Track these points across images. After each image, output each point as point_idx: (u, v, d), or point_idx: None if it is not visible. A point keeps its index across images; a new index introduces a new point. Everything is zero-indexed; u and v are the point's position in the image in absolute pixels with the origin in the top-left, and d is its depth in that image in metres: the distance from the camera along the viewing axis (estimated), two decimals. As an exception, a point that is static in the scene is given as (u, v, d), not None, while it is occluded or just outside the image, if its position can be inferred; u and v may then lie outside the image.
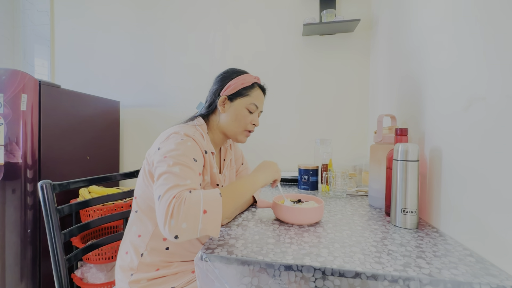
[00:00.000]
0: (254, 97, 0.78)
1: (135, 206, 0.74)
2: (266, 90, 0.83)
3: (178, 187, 0.54)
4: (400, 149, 0.67)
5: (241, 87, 0.76)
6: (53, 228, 0.72)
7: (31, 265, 1.14)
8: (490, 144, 0.51)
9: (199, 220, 0.51)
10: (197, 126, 0.74)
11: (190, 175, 0.58)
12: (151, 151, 0.68)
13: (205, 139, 0.72)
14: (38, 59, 1.94)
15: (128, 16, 1.78)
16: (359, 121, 1.52)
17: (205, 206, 0.52)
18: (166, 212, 0.50)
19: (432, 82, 0.74)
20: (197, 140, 0.67)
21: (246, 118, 0.77)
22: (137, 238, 0.70)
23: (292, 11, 1.57)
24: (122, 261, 0.71)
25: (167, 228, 0.50)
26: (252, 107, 0.77)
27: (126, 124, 1.80)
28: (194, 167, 0.61)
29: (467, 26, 0.59)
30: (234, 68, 0.82)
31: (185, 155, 0.61)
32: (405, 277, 0.44)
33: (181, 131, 0.66)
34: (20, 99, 1.10)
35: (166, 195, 0.53)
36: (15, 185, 1.12)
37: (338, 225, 0.69)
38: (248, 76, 0.78)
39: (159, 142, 0.66)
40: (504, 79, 0.48)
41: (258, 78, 0.81)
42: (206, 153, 0.69)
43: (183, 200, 0.51)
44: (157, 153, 0.64)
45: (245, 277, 0.49)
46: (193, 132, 0.68)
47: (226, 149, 0.87)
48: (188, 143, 0.64)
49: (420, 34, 0.84)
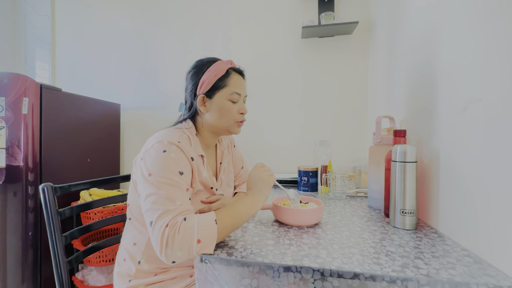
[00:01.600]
0: (233, 85, 0.71)
1: (128, 213, 0.72)
2: (244, 71, 0.76)
3: (169, 213, 0.53)
4: (399, 151, 0.68)
5: (216, 79, 0.69)
6: (54, 230, 0.73)
7: (32, 268, 1.14)
8: (488, 145, 0.51)
9: (193, 250, 0.52)
10: (185, 129, 0.70)
11: (178, 195, 0.57)
12: (138, 158, 0.66)
13: (193, 142, 0.68)
14: (39, 62, 1.96)
15: (129, 20, 1.80)
16: (358, 123, 1.52)
17: (199, 236, 0.52)
18: (161, 242, 0.51)
19: (430, 83, 0.75)
20: (182, 147, 0.63)
21: (231, 110, 0.71)
22: (133, 246, 0.69)
23: (291, 13, 1.58)
24: (120, 267, 0.71)
25: (163, 256, 0.51)
26: (234, 97, 0.71)
27: (126, 126, 1.81)
28: (181, 182, 0.59)
29: (466, 27, 0.60)
30: (202, 59, 0.74)
31: (170, 171, 0.58)
32: (403, 278, 0.44)
33: (164, 139, 0.62)
34: (22, 103, 1.11)
35: (158, 223, 0.52)
36: (16, 188, 1.12)
37: (337, 226, 0.69)
38: (220, 64, 0.71)
39: (143, 151, 0.63)
40: (502, 80, 0.48)
41: (231, 62, 0.73)
42: (193, 159, 0.65)
43: (177, 230, 0.51)
44: (141, 165, 0.61)
45: (244, 278, 0.49)
46: (178, 137, 0.64)
47: (222, 152, 0.82)
48: (172, 155, 0.60)
49: (418, 35, 0.85)
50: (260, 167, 0.69)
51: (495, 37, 0.50)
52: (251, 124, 1.61)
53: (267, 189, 0.65)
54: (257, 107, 1.62)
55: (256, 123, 1.61)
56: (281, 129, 1.61)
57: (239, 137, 1.65)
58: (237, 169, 0.94)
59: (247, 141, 1.62)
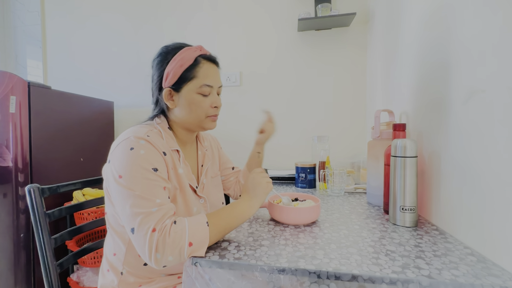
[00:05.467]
0: (202, 76, 0.62)
1: (107, 222, 0.66)
2: (217, 58, 0.67)
3: (152, 216, 0.50)
4: (398, 145, 0.65)
5: (182, 70, 0.61)
6: (42, 233, 0.70)
7: (25, 270, 1.12)
8: (492, 139, 0.49)
9: (184, 253, 0.49)
10: (156, 124, 0.65)
11: (156, 192, 0.52)
12: (106, 165, 0.59)
13: (165, 136, 0.63)
14: (31, 60, 1.91)
15: (120, 15, 1.75)
16: (357, 117, 1.49)
17: (190, 238, 0.50)
18: (149, 247, 0.48)
19: (431, 76, 0.72)
20: (152, 141, 0.57)
21: (202, 104, 0.63)
22: (113, 256, 0.65)
23: (287, 6, 1.54)
24: (104, 279, 0.67)
25: (153, 261, 0.49)
26: (204, 89, 0.63)
27: (120, 125, 1.77)
28: (157, 179, 0.54)
29: (465, 17, 0.57)
30: (168, 46, 0.65)
31: (143, 168, 0.53)
32: (404, 280, 0.42)
33: (131, 135, 0.56)
34: (9, 101, 1.07)
35: (142, 228, 0.49)
36: (6, 189, 1.10)
37: (335, 224, 0.67)
38: (187, 51, 0.62)
39: (110, 152, 0.58)
40: (505, 72, 0.45)
41: (201, 47, 0.64)
42: (165, 154, 0.59)
43: (167, 233, 0.49)
44: (108, 168, 0.56)
45: (237, 281, 0.47)
46: (147, 132, 0.58)
47: (204, 154, 0.76)
48: (141, 152, 0.54)
49: (419, 26, 0.82)
50: (259, 172, 0.64)
51: (498, 27, 0.47)
52: (247, 120, 1.58)
53: (263, 196, 0.62)
54: (252, 102, 1.58)
55: (252, 119, 1.58)
56: (278, 125, 1.58)
57: (234, 132, 1.62)
58: (227, 171, 0.90)
59: (242, 137, 1.59)
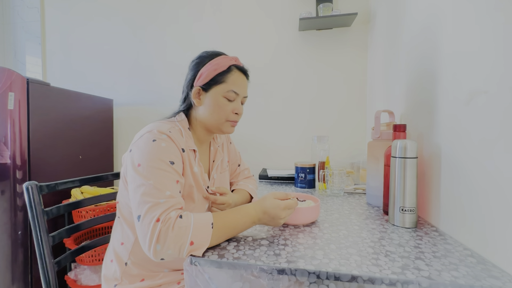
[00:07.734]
0: (231, 83, 0.67)
1: (117, 211, 0.69)
2: (248, 71, 0.73)
3: (159, 207, 0.51)
4: (398, 146, 0.65)
5: (215, 73, 0.66)
6: (39, 231, 0.70)
7: (22, 267, 1.11)
8: (494, 139, 0.49)
9: (184, 250, 0.49)
10: (177, 122, 0.68)
11: (168, 185, 0.54)
12: (126, 153, 0.63)
13: (184, 135, 0.66)
14: (30, 57, 1.89)
15: (120, 12, 1.74)
16: (357, 118, 1.49)
17: (193, 237, 0.50)
18: (150, 237, 0.48)
19: (432, 76, 0.72)
20: (173, 137, 0.61)
21: (225, 108, 0.67)
22: (120, 245, 0.67)
23: (288, 5, 1.53)
24: (106, 270, 0.68)
25: (152, 252, 0.49)
26: (230, 95, 0.67)
27: (120, 122, 1.77)
28: (172, 172, 0.57)
29: (467, 17, 0.57)
30: (207, 51, 0.71)
31: (160, 160, 0.56)
32: (404, 281, 0.41)
33: (154, 129, 0.60)
34: (7, 98, 1.07)
35: (148, 216, 0.50)
36: (4, 186, 1.09)
37: (334, 224, 0.67)
38: (223, 59, 0.68)
39: (132, 143, 0.61)
40: (507, 72, 0.45)
41: (236, 59, 0.70)
42: (183, 151, 0.63)
43: (170, 226, 0.49)
44: (129, 157, 0.58)
45: (236, 281, 0.47)
46: (169, 128, 0.62)
47: (216, 150, 0.79)
48: (162, 144, 0.58)
49: (419, 26, 0.81)
50: (284, 208, 0.59)
51: (503, 26, 0.46)
52: (248, 120, 1.58)
53: (269, 223, 0.60)
54: (253, 102, 1.58)
55: (252, 119, 1.58)
56: (278, 125, 1.58)
57: (235, 132, 1.62)
58: (233, 167, 0.90)
59: (244, 137, 1.58)
